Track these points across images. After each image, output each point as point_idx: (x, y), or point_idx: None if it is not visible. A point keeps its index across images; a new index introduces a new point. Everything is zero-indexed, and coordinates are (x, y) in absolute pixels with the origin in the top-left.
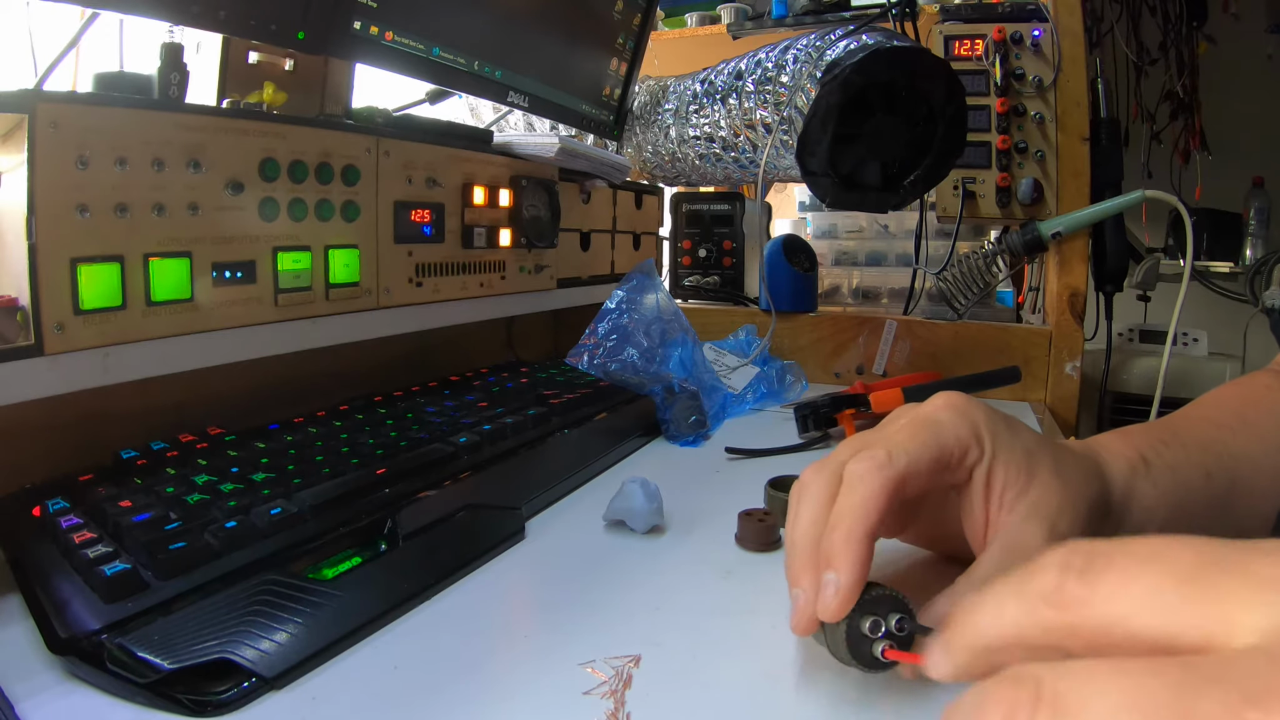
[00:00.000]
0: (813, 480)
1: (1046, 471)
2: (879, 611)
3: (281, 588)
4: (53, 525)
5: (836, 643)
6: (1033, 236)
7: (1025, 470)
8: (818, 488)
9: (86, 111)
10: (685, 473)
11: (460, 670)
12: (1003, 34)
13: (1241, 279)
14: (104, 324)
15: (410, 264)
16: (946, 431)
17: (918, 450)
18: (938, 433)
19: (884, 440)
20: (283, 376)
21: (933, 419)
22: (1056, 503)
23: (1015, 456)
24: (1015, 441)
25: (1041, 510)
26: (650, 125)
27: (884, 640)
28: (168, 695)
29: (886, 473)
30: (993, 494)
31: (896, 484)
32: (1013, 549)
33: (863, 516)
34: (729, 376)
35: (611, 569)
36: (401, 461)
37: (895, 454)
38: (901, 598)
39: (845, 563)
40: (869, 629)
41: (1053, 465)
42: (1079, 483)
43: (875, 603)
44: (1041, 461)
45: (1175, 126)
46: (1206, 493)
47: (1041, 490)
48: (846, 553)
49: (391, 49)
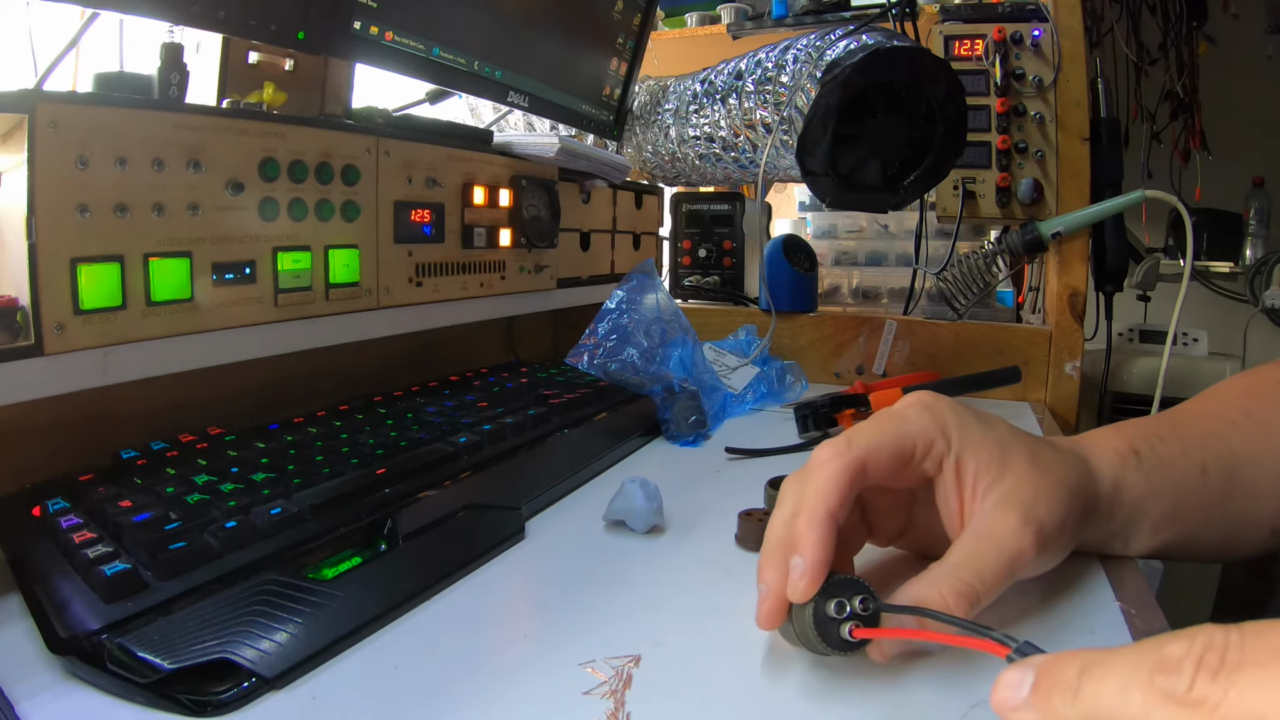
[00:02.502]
0: (788, 486)
1: (1021, 461)
2: (842, 594)
3: (281, 588)
4: (53, 525)
5: (805, 630)
6: (1033, 236)
7: (998, 460)
8: (791, 492)
9: (86, 111)
10: (685, 473)
11: (460, 670)
12: (1003, 34)
13: (1241, 279)
14: (104, 324)
15: (410, 264)
16: (910, 424)
17: (877, 438)
18: (900, 425)
19: (847, 433)
20: (283, 376)
21: (897, 414)
22: (1031, 491)
23: (986, 447)
24: (987, 433)
25: (1015, 498)
26: (650, 125)
27: (850, 620)
28: (168, 695)
29: (845, 458)
30: (964, 483)
31: (855, 468)
32: (985, 536)
33: (822, 498)
34: (729, 376)
35: (611, 569)
36: (401, 461)
37: (854, 441)
38: (862, 581)
39: (808, 544)
40: (834, 610)
41: (1029, 455)
42: (1059, 473)
43: (838, 586)
44: (1016, 452)
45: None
46: (1202, 488)
47: (1015, 479)
48: (809, 534)
49: (391, 49)
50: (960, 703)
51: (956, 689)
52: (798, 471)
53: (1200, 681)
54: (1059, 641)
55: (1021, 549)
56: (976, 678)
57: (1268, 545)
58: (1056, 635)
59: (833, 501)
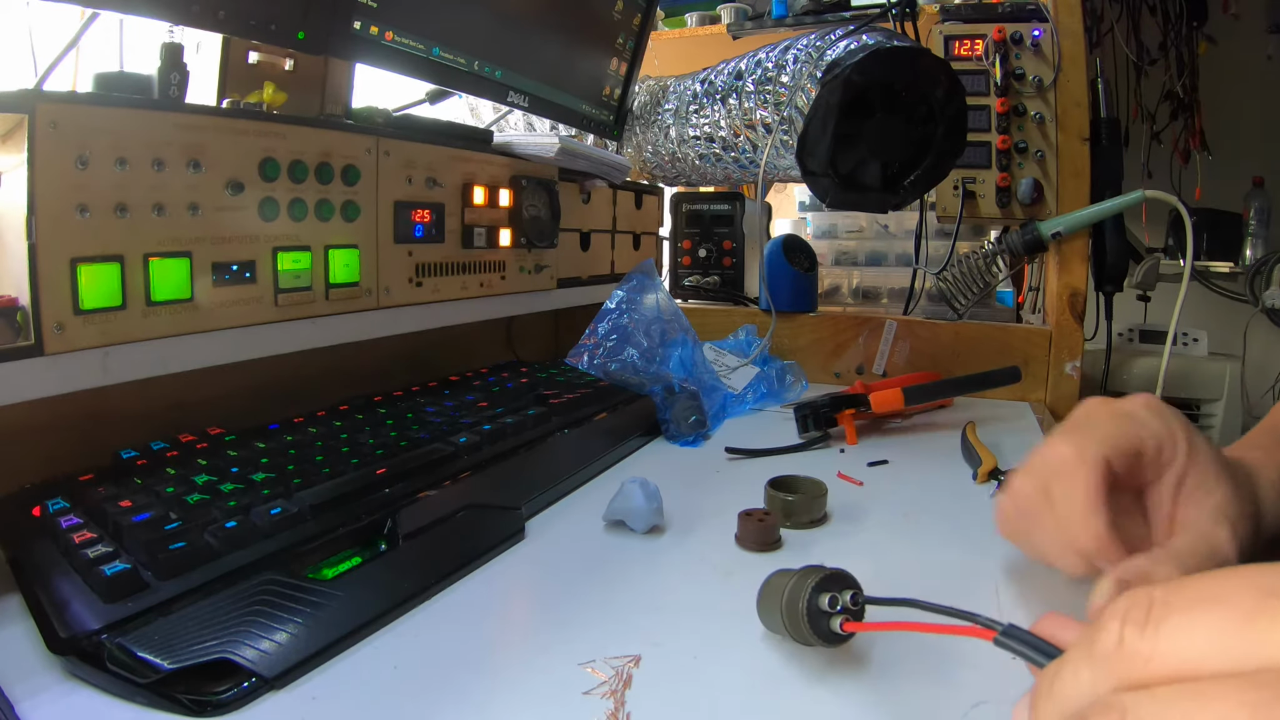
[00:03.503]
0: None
1: (1230, 481)
2: (834, 589)
3: (281, 588)
4: (53, 525)
5: (796, 621)
6: (1033, 236)
7: (1214, 475)
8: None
9: (86, 111)
10: (685, 473)
11: (460, 670)
12: (1003, 34)
13: (1241, 279)
14: (104, 324)
15: (410, 264)
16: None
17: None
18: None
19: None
20: (283, 376)
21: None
22: (1237, 510)
23: (1211, 462)
24: (1208, 447)
25: (1225, 513)
26: (650, 125)
27: (840, 615)
28: (168, 695)
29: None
30: (1183, 492)
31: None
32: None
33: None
34: (729, 376)
35: (611, 569)
36: (401, 461)
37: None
38: (853, 576)
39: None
40: (827, 604)
41: (1231, 474)
42: (1247, 496)
43: (830, 581)
44: (1225, 470)
45: (1175, 126)
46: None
47: (1224, 495)
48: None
49: (391, 49)
50: (960, 703)
51: (957, 689)
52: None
53: (1129, 635)
54: None
55: (1228, 557)
56: (977, 678)
57: None
58: None
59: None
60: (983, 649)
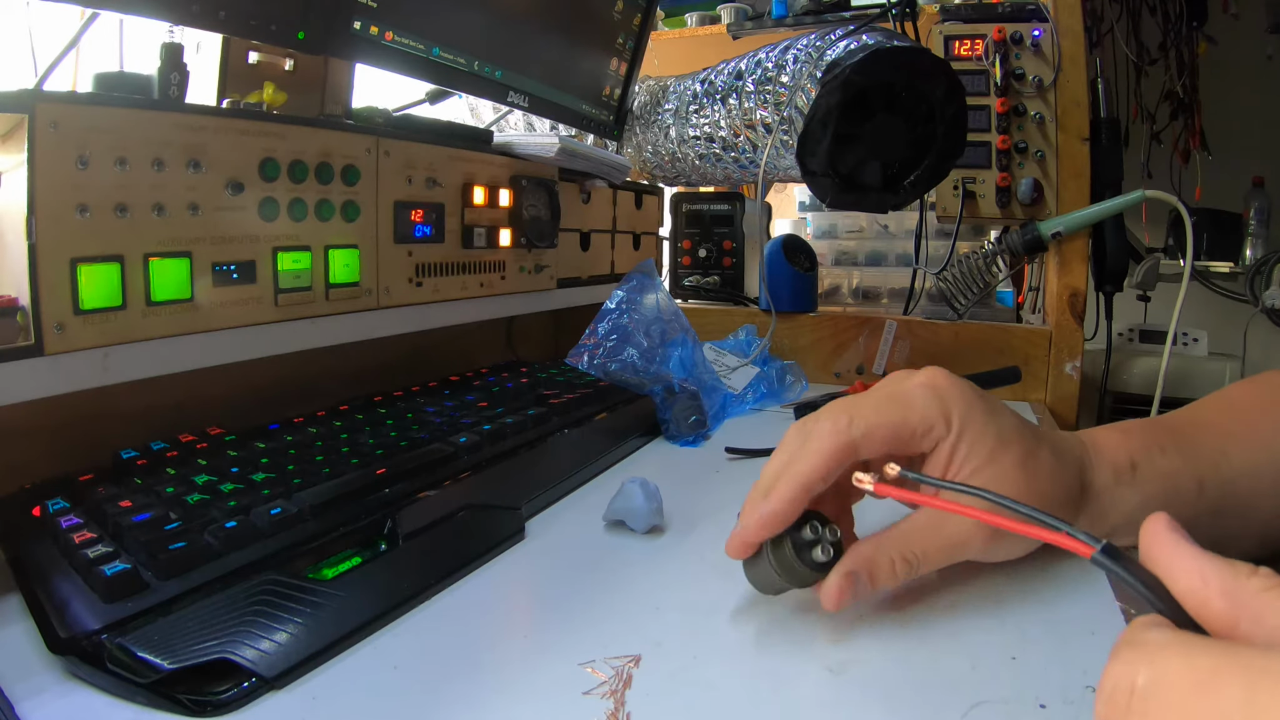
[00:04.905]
0: (792, 435)
1: (1010, 461)
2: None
3: (281, 588)
4: (53, 525)
5: (785, 561)
6: (1033, 236)
7: (987, 455)
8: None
9: (86, 111)
10: (685, 473)
11: (460, 670)
12: (1003, 34)
13: (1241, 279)
14: (104, 324)
15: (410, 264)
16: (914, 411)
17: (877, 420)
18: (905, 410)
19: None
20: (283, 376)
21: (905, 396)
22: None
23: (984, 440)
24: (987, 426)
25: None
26: (650, 125)
27: (821, 543)
28: (168, 695)
29: (840, 439)
30: (951, 469)
31: (846, 451)
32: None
33: (806, 469)
34: (729, 376)
35: (611, 569)
36: (401, 461)
37: (855, 420)
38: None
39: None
40: (809, 533)
41: (1020, 458)
42: (1043, 480)
43: (807, 516)
44: (1009, 451)
45: (1175, 126)
46: (1196, 502)
47: (994, 476)
48: (782, 490)
49: (391, 49)
50: (960, 702)
51: (957, 689)
52: (804, 420)
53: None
54: (1061, 642)
55: (964, 540)
56: (977, 678)
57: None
58: (1058, 636)
59: (814, 476)
60: (983, 649)
